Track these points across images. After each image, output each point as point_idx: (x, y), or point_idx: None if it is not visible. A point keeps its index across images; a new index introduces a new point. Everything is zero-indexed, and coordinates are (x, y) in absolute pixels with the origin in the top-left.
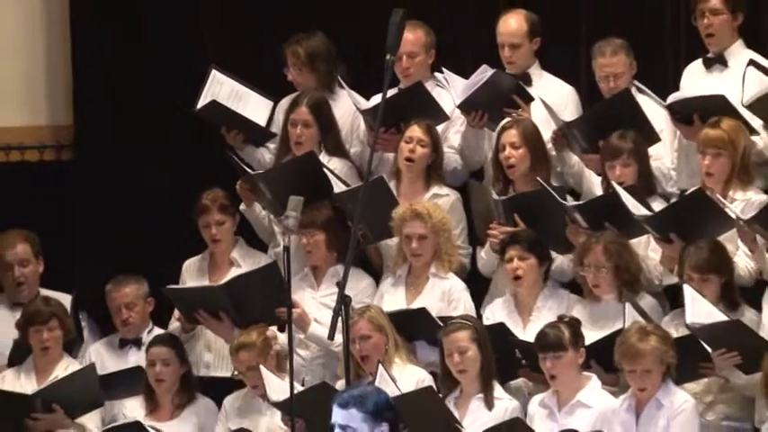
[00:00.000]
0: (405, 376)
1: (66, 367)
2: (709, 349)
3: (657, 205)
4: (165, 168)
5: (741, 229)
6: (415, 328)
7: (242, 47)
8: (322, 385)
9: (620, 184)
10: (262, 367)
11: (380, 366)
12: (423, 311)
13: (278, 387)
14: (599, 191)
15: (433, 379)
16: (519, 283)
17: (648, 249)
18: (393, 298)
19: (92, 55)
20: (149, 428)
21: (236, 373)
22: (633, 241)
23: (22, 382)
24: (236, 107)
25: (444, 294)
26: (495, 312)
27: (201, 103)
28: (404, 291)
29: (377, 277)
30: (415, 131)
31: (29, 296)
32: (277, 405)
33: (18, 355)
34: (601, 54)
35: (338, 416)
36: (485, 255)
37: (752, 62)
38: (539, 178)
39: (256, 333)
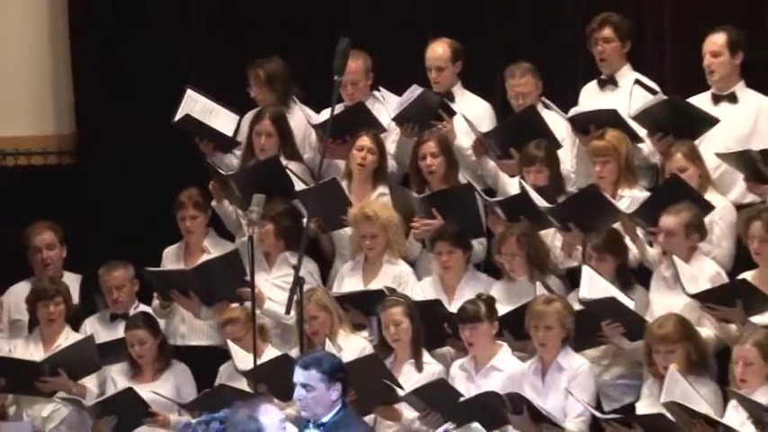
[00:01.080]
0: (348, 346)
1: (67, 337)
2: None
3: None
4: (152, 170)
5: (624, 221)
6: (371, 306)
7: (218, 69)
8: (283, 356)
9: (534, 185)
10: (229, 341)
11: (327, 340)
12: (380, 292)
13: (244, 358)
14: (512, 189)
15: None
16: (447, 272)
17: (555, 239)
18: (352, 281)
19: (91, 70)
20: (144, 395)
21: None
22: (543, 232)
23: (31, 350)
24: (207, 120)
25: (396, 278)
26: (425, 290)
27: (178, 116)
28: (361, 275)
29: (327, 262)
30: (365, 141)
31: (55, 275)
32: (244, 373)
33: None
34: (511, 76)
35: (300, 376)
36: (409, 243)
37: (637, 81)
38: (468, 179)
39: (240, 310)
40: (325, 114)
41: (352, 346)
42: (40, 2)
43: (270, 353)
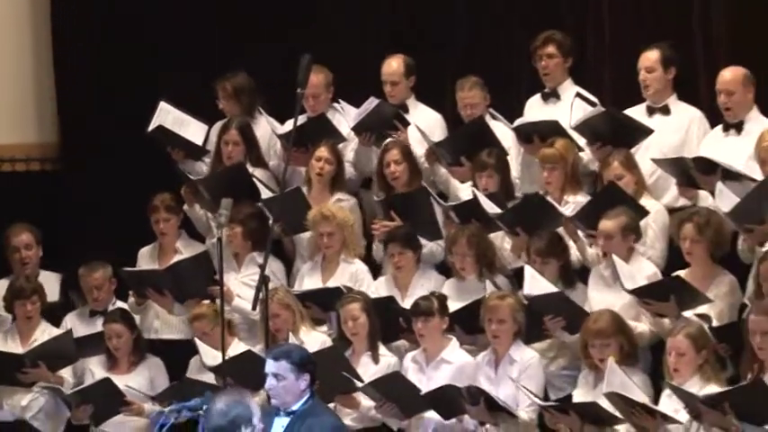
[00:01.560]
0: (310, 340)
1: (44, 331)
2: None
3: None
4: (129, 177)
5: (566, 224)
6: (330, 302)
7: (189, 82)
8: (247, 352)
9: (485, 191)
10: (195, 339)
11: (290, 335)
12: (338, 290)
13: (210, 354)
14: (463, 194)
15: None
16: (399, 271)
17: (504, 242)
18: (312, 279)
19: (74, 81)
20: (120, 385)
21: None
22: (492, 234)
23: (9, 344)
24: (179, 130)
25: (352, 276)
26: (379, 287)
27: (151, 127)
28: (320, 273)
29: (290, 262)
30: (323, 152)
31: (32, 274)
32: (211, 369)
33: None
34: (461, 89)
35: (271, 366)
36: (375, 246)
37: (578, 95)
38: (424, 184)
39: (207, 306)
40: (289, 125)
41: (313, 340)
42: (23, 12)
43: (237, 347)
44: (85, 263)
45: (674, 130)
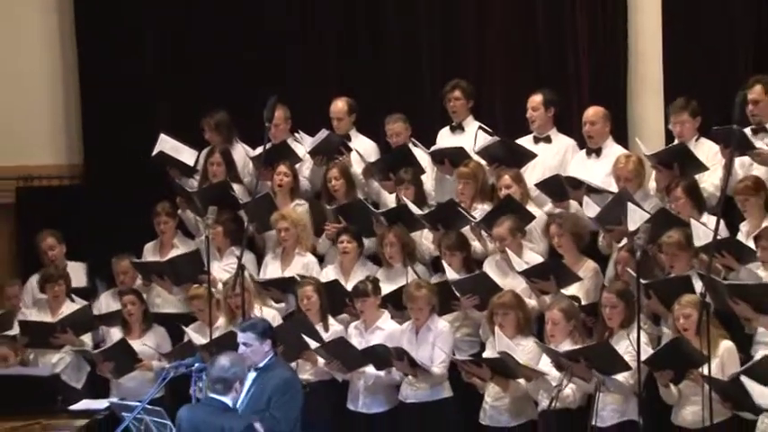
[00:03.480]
0: (264, 315)
1: (68, 307)
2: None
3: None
4: (137, 190)
5: (472, 227)
6: (287, 287)
7: (184, 118)
8: (229, 333)
9: (404, 198)
10: (188, 330)
11: (257, 308)
12: (292, 279)
13: (198, 337)
14: (390, 203)
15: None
16: (345, 257)
17: (422, 237)
18: (273, 267)
19: (95, 118)
20: (134, 347)
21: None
22: (413, 234)
23: (42, 317)
24: (175, 155)
25: (305, 265)
26: (328, 274)
27: (154, 153)
28: (279, 264)
29: (261, 254)
30: (282, 169)
31: (59, 266)
32: (201, 346)
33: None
34: (389, 123)
35: (241, 337)
36: (321, 241)
37: (480, 127)
38: (360, 196)
39: (201, 289)
40: (259, 150)
41: (266, 315)
42: (56, 57)
43: (223, 321)
44: (116, 255)
45: (554, 154)
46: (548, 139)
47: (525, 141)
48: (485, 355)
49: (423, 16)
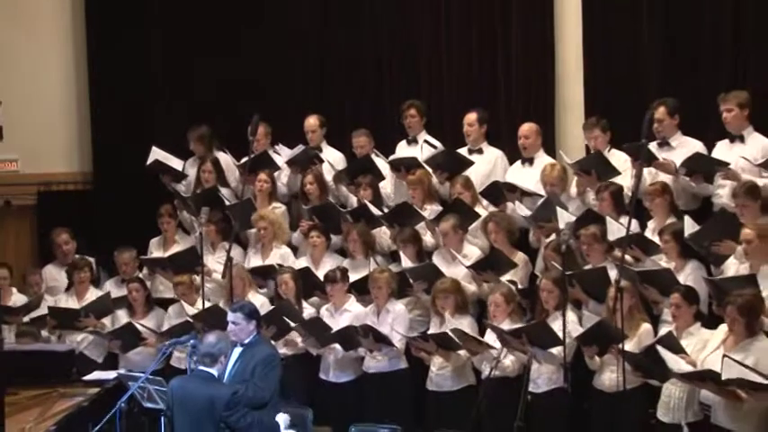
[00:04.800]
0: (255, 300)
1: (92, 293)
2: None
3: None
4: (141, 194)
5: (426, 223)
6: (267, 275)
7: (173, 131)
8: (214, 307)
9: (364, 199)
10: (184, 303)
11: (250, 294)
12: (272, 267)
13: (189, 309)
14: (355, 204)
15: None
16: (315, 249)
17: (381, 233)
18: (255, 259)
19: (104, 132)
20: (137, 325)
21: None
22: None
23: (69, 302)
24: (168, 162)
25: (281, 256)
26: (301, 263)
27: (149, 161)
28: (260, 256)
29: (245, 248)
30: (262, 176)
31: (71, 259)
32: (192, 317)
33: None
34: (355, 136)
35: (230, 316)
36: (296, 235)
37: (425, 141)
38: (330, 199)
39: (186, 277)
40: (244, 159)
41: (256, 301)
42: (71, 81)
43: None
44: (118, 249)
45: (486, 163)
46: (480, 151)
47: (463, 152)
48: (430, 331)
49: (385, 46)
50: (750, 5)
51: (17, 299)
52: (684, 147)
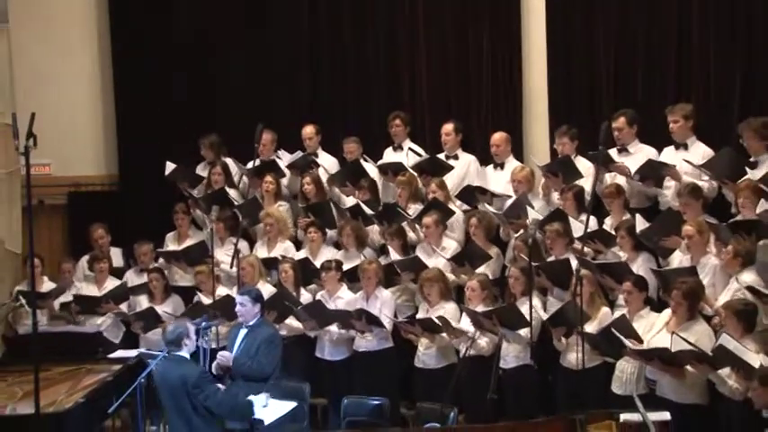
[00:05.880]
0: (263, 288)
1: (111, 281)
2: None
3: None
4: (160, 194)
5: (409, 221)
6: (272, 265)
7: (191, 138)
8: (226, 297)
9: (363, 200)
10: (199, 293)
11: (260, 281)
12: (276, 258)
13: (206, 297)
14: (347, 203)
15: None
16: (313, 243)
17: (372, 229)
18: (262, 251)
19: (128, 138)
20: (157, 310)
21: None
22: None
23: (90, 290)
24: (183, 171)
25: (285, 249)
26: (300, 255)
27: (167, 171)
28: (267, 248)
29: (252, 243)
30: (268, 178)
31: (106, 250)
32: (208, 305)
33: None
34: (346, 143)
35: (238, 299)
36: (298, 231)
37: (409, 148)
38: (328, 198)
39: (206, 267)
40: (250, 164)
41: (265, 289)
42: (97, 90)
43: (220, 290)
44: (137, 242)
45: (461, 168)
46: (456, 157)
47: (442, 157)
48: (417, 316)
49: (372, 63)
50: (693, 30)
51: (48, 286)
52: (641, 153)
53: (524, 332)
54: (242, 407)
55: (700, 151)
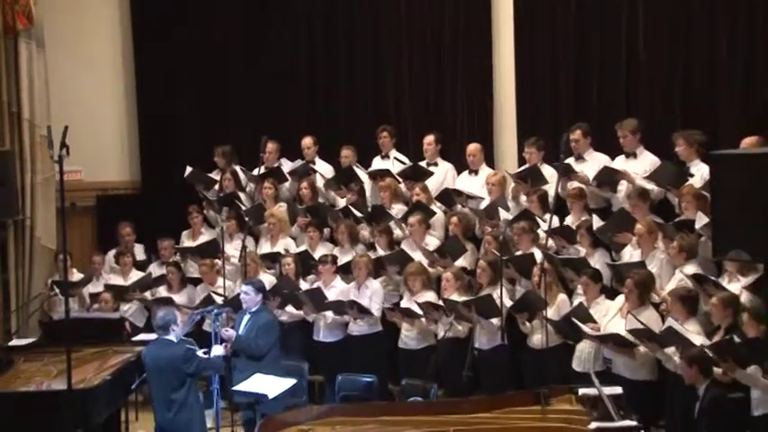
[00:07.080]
0: (264, 279)
1: (135, 274)
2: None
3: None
4: (177, 196)
5: (395, 221)
6: (275, 259)
7: (206, 148)
8: (237, 295)
9: (352, 203)
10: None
11: (261, 273)
12: (279, 253)
13: (215, 295)
14: (341, 205)
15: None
16: (312, 240)
17: (362, 228)
18: (266, 246)
19: (149, 146)
20: (174, 298)
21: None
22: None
23: (117, 280)
24: (200, 175)
25: (285, 245)
26: (301, 249)
27: (186, 173)
28: (270, 244)
29: (257, 239)
30: (267, 184)
31: (131, 246)
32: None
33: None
34: (343, 149)
35: (243, 288)
36: (295, 228)
37: (395, 157)
38: (322, 200)
39: (209, 261)
40: (256, 171)
41: (266, 279)
42: (121, 100)
43: (220, 282)
44: (159, 238)
45: (440, 173)
46: (436, 164)
47: (423, 164)
48: (402, 304)
49: (358, 81)
50: (641, 50)
51: (77, 277)
52: (594, 160)
53: (496, 320)
54: (215, 362)
55: (648, 160)
